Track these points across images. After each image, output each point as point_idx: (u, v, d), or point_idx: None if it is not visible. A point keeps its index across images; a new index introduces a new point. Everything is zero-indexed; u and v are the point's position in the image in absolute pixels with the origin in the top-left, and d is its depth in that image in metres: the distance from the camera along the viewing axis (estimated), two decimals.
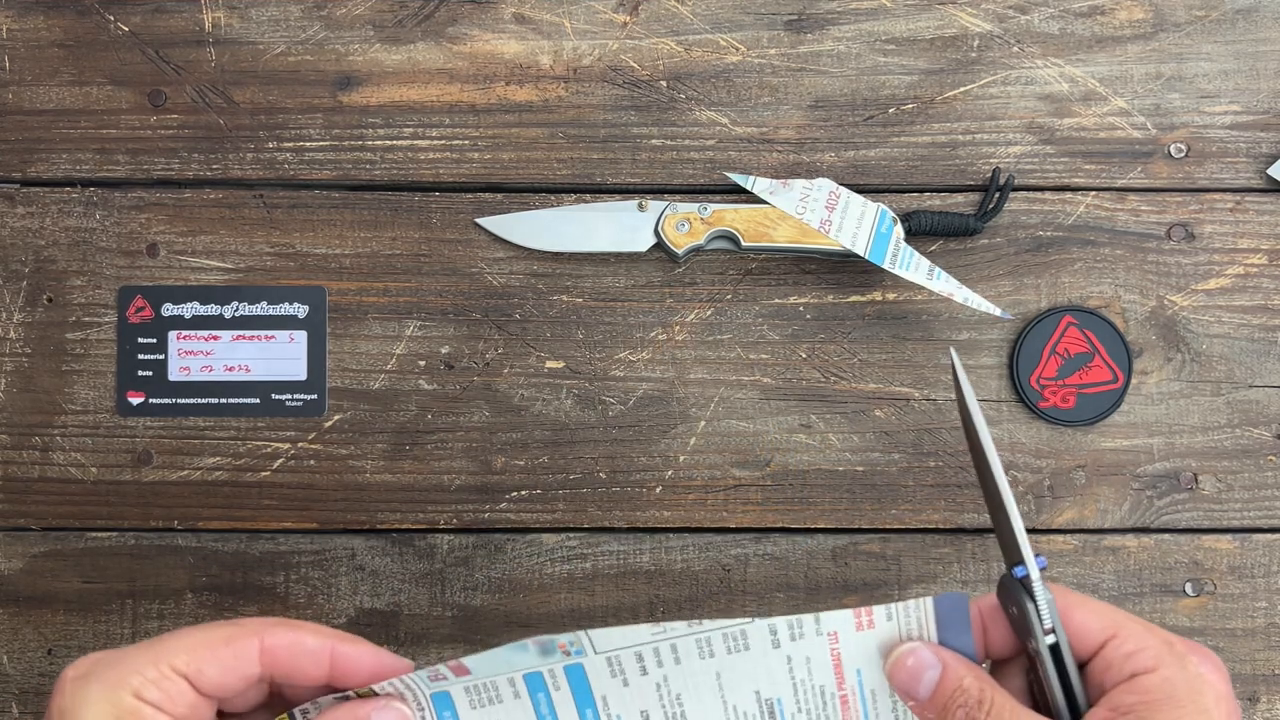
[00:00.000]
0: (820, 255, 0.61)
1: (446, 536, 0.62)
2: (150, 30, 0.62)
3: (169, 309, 0.62)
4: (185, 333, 0.62)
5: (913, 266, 0.59)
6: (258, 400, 0.61)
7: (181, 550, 0.61)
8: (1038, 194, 0.62)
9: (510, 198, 0.62)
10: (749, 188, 0.61)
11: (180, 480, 0.61)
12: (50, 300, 0.62)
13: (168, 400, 0.61)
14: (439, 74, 0.62)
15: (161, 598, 0.61)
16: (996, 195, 0.62)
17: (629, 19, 0.62)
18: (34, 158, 0.62)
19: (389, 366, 0.62)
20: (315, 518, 0.62)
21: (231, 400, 0.61)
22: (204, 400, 0.61)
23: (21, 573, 0.61)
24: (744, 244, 0.60)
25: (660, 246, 0.61)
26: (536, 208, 0.62)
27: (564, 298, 0.62)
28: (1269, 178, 0.62)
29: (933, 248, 0.62)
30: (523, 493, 0.62)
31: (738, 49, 0.62)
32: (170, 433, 0.61)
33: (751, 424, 0.62)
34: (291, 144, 0.62)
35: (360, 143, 0.62)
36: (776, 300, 0.62)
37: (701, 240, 0.60)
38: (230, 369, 0.62)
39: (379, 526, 0.62)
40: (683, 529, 0.62)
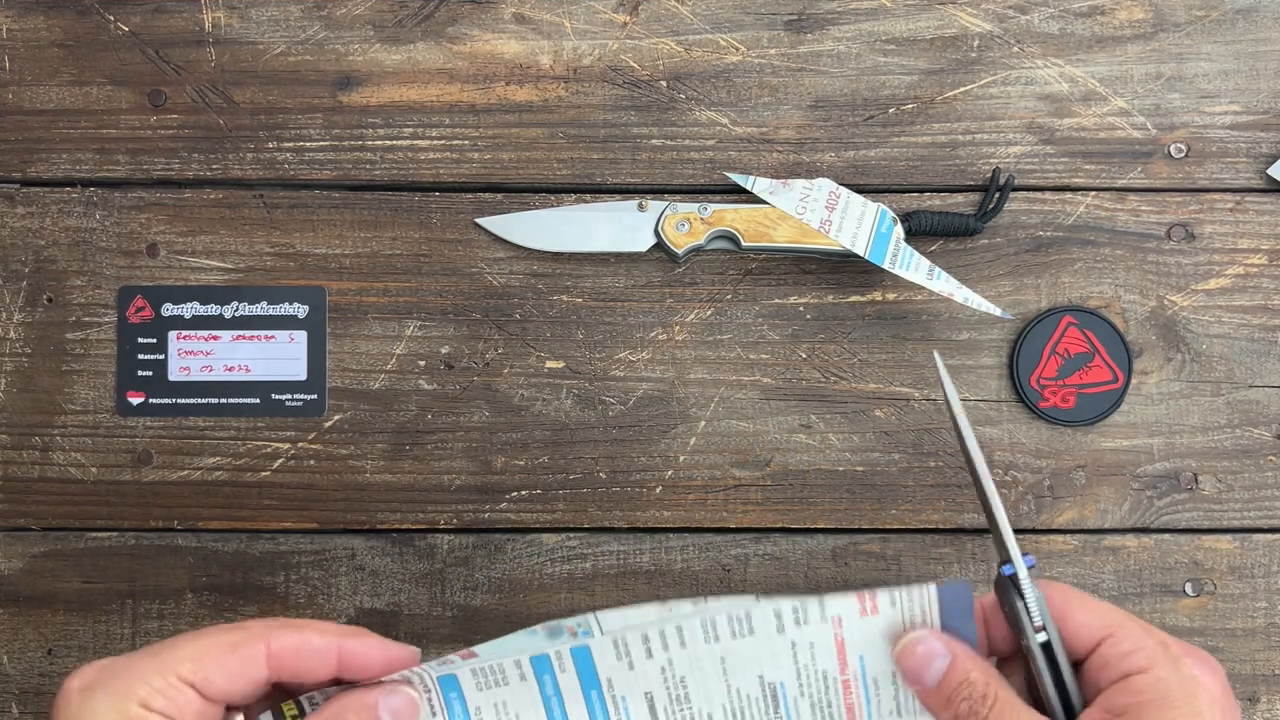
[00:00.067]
0: (820, 255, 0.61)
1: (446, 536, 0.62)
2: (150, 30, 0.62)
3: (169, 309, 0.62)
4: (185, 333, 0.62)
5: (913, 266, 0.59)
6: (258, 400, 0.61)
7: (181, 550, 0.61)
8: (1038, 194, 0.62)
9: (510, 198, 0.62)
10: (749, 188, 0.61)
11: (180, 480, 0.61)
12: (50, 300, 0.62)
13: (168, 400, 0.61)
14: (439, 74, 0.62)
15: (161, 598, 0.61)
16: (996, 195, 0.62)
17: (629, 19, 0.62)
18: (34, 158, 0.62)
19: (389, 366, 0.62)
20: (315, 518, 0.62)
21: (231, 400, 0.61)
22: (204, 400, 0.61)
23: (21, 573, 0.61)
24: (744, 244, 0.60)
25: (660, 246, 0.61)
26: (536, 208, 0.62)
27: (564, 298, 0.62)
28: (1269, 178, 0.62)
29: (933, 248, 0.62)
30: (523, 493, 0.62)
31: (738, 49, 0.62)
32: (170, 433, 0.61)
33: (751, 424, 0.62)
34: (291, 144, 0.62)
35: (360, 143, 0.62)
36: (776, 300, 0.62)
37: (701, 240, 0.60)
38: (230, 369, 0.62)
39: (379, 526, 0.62)
40: (683, 529, 0.62)
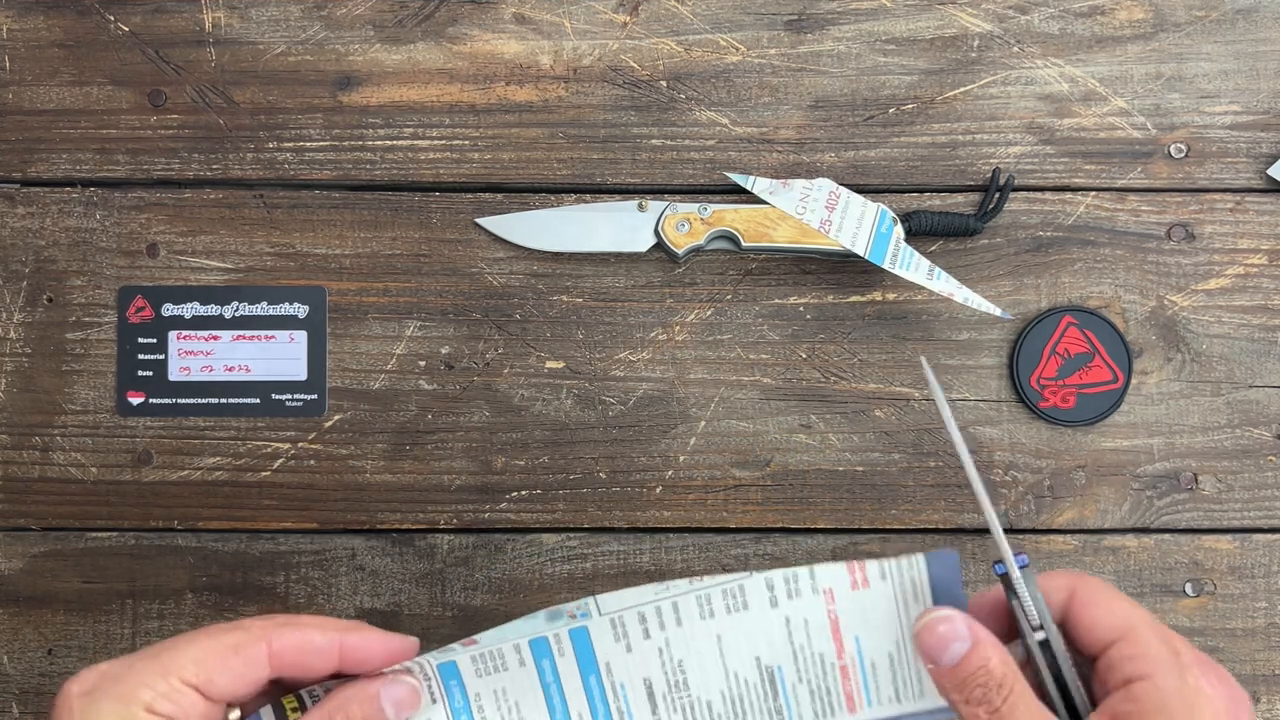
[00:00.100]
0: (820, 255, 0.61)
1: (446, 536, 0.62)
2: (150, 30, 0.62)
3: (169, 309, 0.62)
4: (185, 333, 0.62)
5: (913, 266, 0.59)
6: (258, 400, 0.61)
7: (181, 550, 0.61)
8: (1038, 194, 0.62)
9: (510, 198, 0.62)
10: (749, 188, 0.61)
11: (180, 480, 0.61)
12: (50, 300, 0.62)
13: (168, 400, 0.61)
14: (439, 74, 0.62)
15: (161, 598, 0.61)
16: (996, 195, 0.62)
17: (629, 19, 0.62)
18: (34, 158, 0.62)
19: (389, 366, 0.62)
20: (315, 518, 0.62)
21: (231, 400, 0.61)
22: (204, 400, 0.61)
23: (21, 573, 0.61)
24: (744, 244, 0.60)
25: (660, 246, 0.61)
26: (536, 208, 0.62)
27: (564, 298, 0.62)
28: (1269, 178, 0.62)
29: (933, 248, 0.62)
30: (523, 493, 0.62)
31: (738, 49, 0.62)
32: (170, 433, 0.61)
33: (751, 424, 0.62)
34: (291, 144, 0.62)
35: (360, 143, 0.62)
36: (776, 300, 0.62)
37: (701, 240, 0.60)
38: (230, 369, 0.62)
39: (379, 526, 0.62)
40: (683, 529, 0.62)
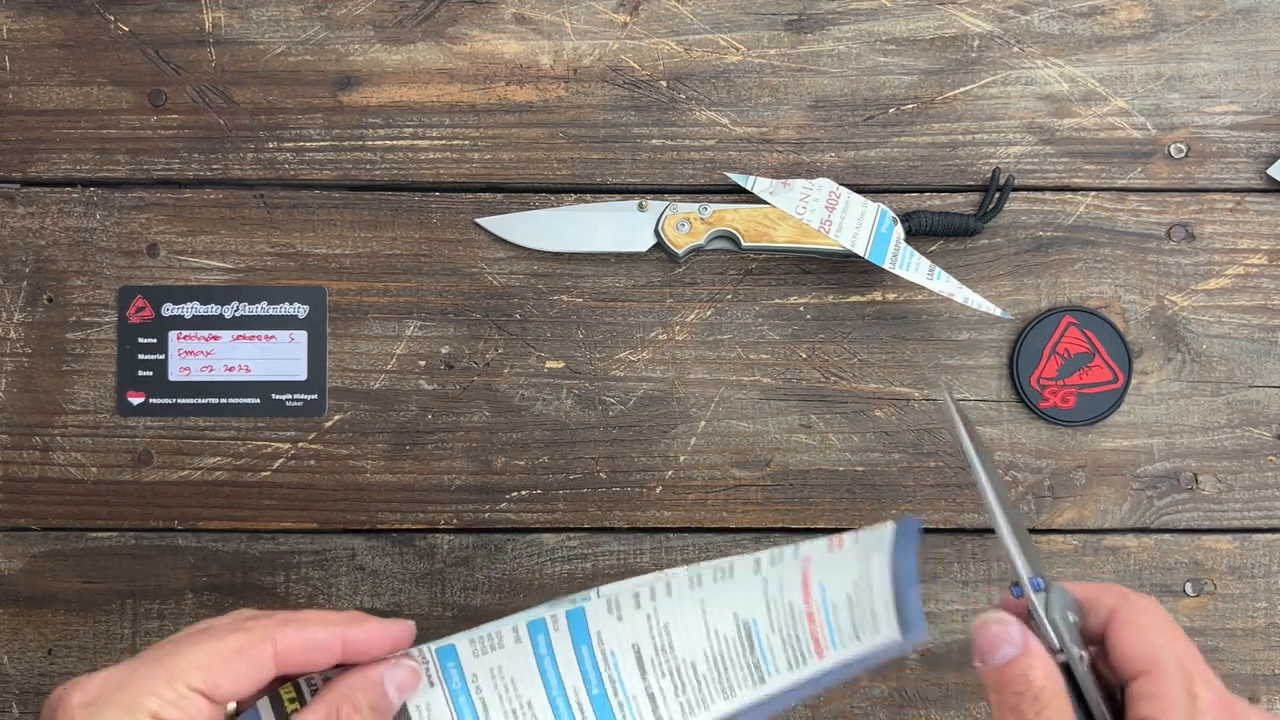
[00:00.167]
0: (820, 255, 0.61)
1: (446, 536, 0.62)
2: (150, 30, 0.62)
3: (169, 309, 0.62)
4: (185, 333, 0.62)
5: (913, 266, 0.59)
6: (258, 400, 0.61)
7: (181, 550, 0.61)
8: (1038, 194, 0.62)
9: (510, 198, 0.62)
10: (749, 188, 0.61)
11: (180, 480, 0.61)
12: (50, 300, 0.62)
13: (168, 400, 0.61)
14: (439, 74, 0.62)
15: (161, 598, 0.61)
16: (996, 195, 0.62)
17: (629, 19, 0.62)
18: (34, 158, 0.62)
19: (389, 366, 0.62)
20: (315, 518, 0.61)
21: (231, 400, 0.61)
22: (204, 400, 0.61)
23: (21, 573, 0.61)
24: (744, 244, 0.60)
25: (660, 246, 0.61)
26: (536, 208, 0.62)
27: (564, 298, 0.62)
28: (1269, 178, 0.62)
29: (933, 248, 0.62)
30: (523, 493, 0.62)
31: (738, 49, 0.62)
32: (170, 433, 0.61)
33: (752, 424, 0.62)
34: (291, 144, 0.62)
35: (360, 143, 0.62)
36: (776, 300, 0.62)
37: (701, 240, 0.60)
38: (230, 369, 0.62)
39: (379, 526, 0.62)
40: (683, 529, 0.62)
